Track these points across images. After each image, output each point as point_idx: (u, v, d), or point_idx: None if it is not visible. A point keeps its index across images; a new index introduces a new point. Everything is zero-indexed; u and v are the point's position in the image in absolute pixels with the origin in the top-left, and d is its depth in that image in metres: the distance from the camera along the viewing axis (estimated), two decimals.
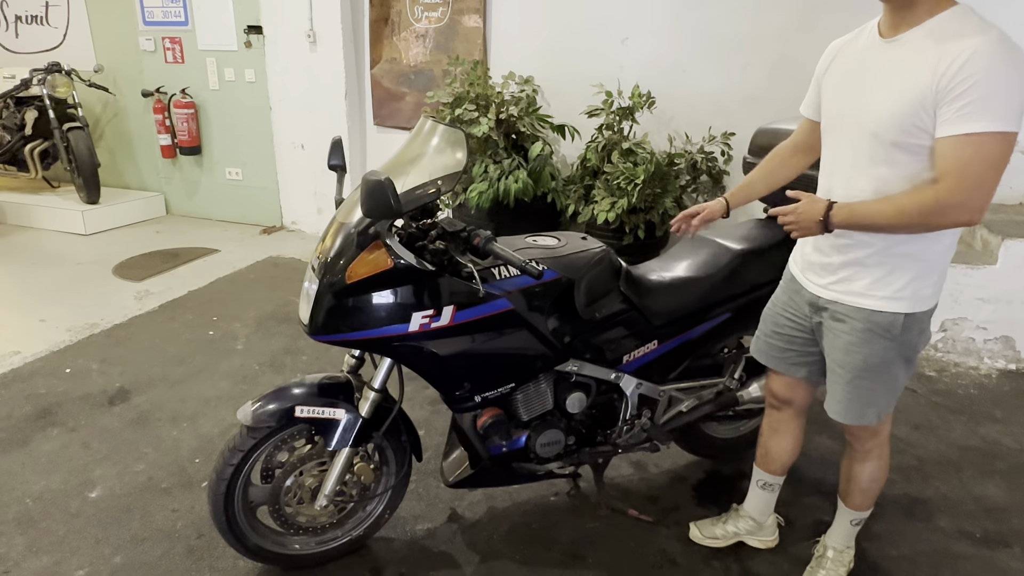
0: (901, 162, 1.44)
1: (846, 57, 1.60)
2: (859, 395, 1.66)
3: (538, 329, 1.82)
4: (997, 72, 1.28)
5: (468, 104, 3.92)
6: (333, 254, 1.66)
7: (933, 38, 1.37)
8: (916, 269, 1.53)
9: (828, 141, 1.63)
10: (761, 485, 2.07)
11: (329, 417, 1.81)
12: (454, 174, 1.67)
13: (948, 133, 1.33)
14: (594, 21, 4.32)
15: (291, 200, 5.30)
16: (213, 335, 3.50)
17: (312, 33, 4.73)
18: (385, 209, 1.46)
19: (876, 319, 1.57)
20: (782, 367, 1.87)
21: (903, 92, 1.39)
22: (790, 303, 1.80)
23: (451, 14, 4.61)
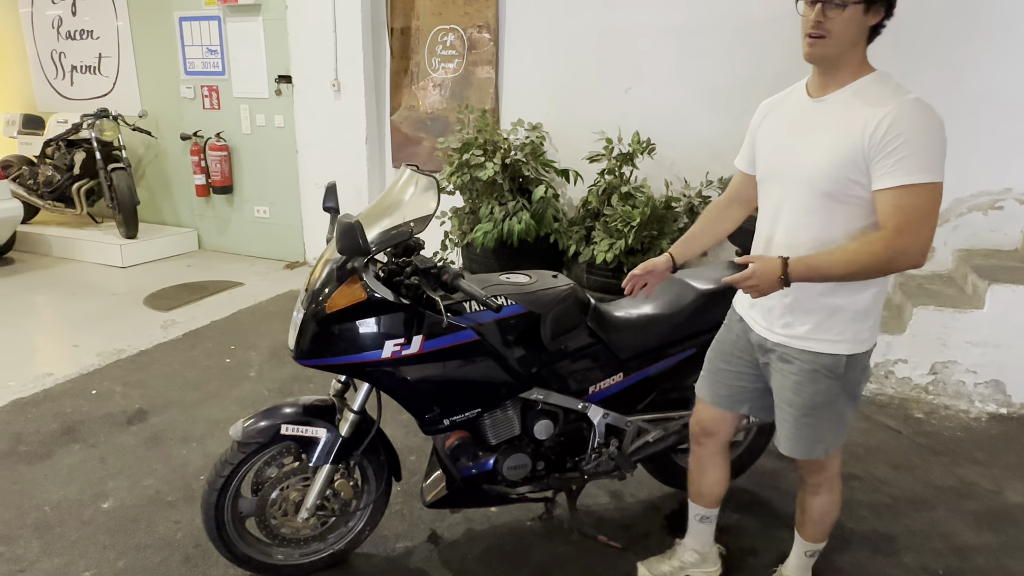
0: (835, 211, 1.57)
1: (778, 114, 1.75)
2: (808, 431, 1.75)
3: (503, 358, 1.98)
4: (921, 130, 1.45)
5: (476, 149, 4.16)
6: (318, 286, 1.86)
7: (859, 99, 1.53)
8: (850, 315, 1.65)
9: (765, 192, 1.76)
10: (699, 519, 2.14)
11: (311, 435, 1.98)
12: (425, 217, 1.87)
13: (887, 185, 1.47)
14: (599, 72, 4.55)
15: (314, 237, 5.59)
16: (229, 363, 3.73)
17: (337, 82, 5.07)
18: (355, 248, 1.66)
19: (821, 360, 1.67)
20: (726, 404, 1.95)
21: (836, 147, 1.53)
22: (738, 342, 1.89)
23: (466, 65, 4.90)
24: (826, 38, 1.51)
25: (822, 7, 1.49)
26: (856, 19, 1.50)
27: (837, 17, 1.48)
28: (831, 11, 1.48)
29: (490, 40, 4.77)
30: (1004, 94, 3.69)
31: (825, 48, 1.52)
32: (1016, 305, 3.26)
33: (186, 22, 5.56)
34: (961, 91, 3.76)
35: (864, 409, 3.34)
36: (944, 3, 3.69)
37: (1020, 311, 3.27)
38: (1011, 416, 3.31)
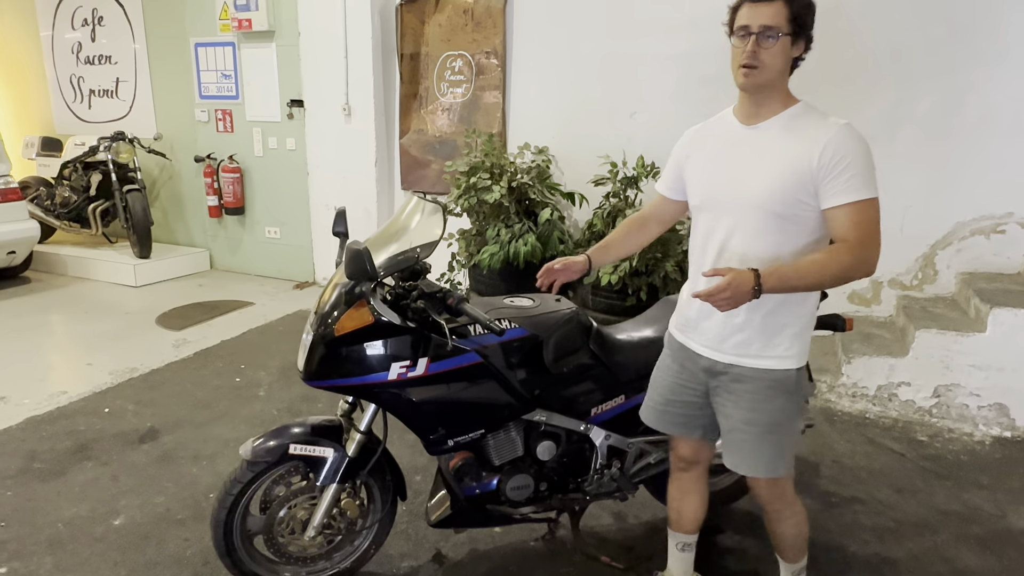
0: (785, 230, 1.66)
1: (708, 142, 1.82)
2: (771, 449, 1.79)
3: (506, 381, 2.02)
4: (859, 151, 1.59)
5: (483, 173, 4.24)
6: (327, 309, 1.92)
7: (795, 126, 1.65)
8: (794, 329, 1.74)
9: (704, 217, 1.81)
10: (680, 547, 2.16)
11: (318, 455, 2.03)
12: (431, 243, 1.93)
13: (839, 202, 1.58)
14: (605, 97, 4.64)
15: (323, 257, 5.67)
16: (239, 382, 3.79)
17: (348, 107, 5.18)
18: (363, 273, 1.72)
19: (775, 376, 1.74)
20: (681, 431, 1.98)
21: (783, 171, 1.62)
22: (682, 370, 1.92)
23: (474, 90, 5.00)
24: (759, 68, 1.61)
25: (756, 39, 1.59)
26: (784, 51, 1.61)
27: (769, 49, 1.59)
28: (765, 42, 1.59)
29: (498, 66, 4.87)
30: (1003, 119, 3.74)
31: (758, 78, 1.62)
32: (1018, 329, 3.28)
33: (201, 48, 5.71)
34: (961, 116, 3.82)
35: (868, 432, 3.35)
36: (943, 31, 3.76)
37: (1022, 335, 3.28)
38: (1015, 440, 3.31)
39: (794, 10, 1.59)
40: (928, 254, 4.02)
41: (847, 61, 4.03)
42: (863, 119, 4.02)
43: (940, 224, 3.97)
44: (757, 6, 1.60)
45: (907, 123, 3.95)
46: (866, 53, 3.97)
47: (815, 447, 3.17)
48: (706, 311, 1.80)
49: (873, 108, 4.01)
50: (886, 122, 4.00)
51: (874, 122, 4.03)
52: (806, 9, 1.61)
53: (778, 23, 1.58)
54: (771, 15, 1.58)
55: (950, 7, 3.74)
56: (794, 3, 1.58)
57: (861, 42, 3.98)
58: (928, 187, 3.96)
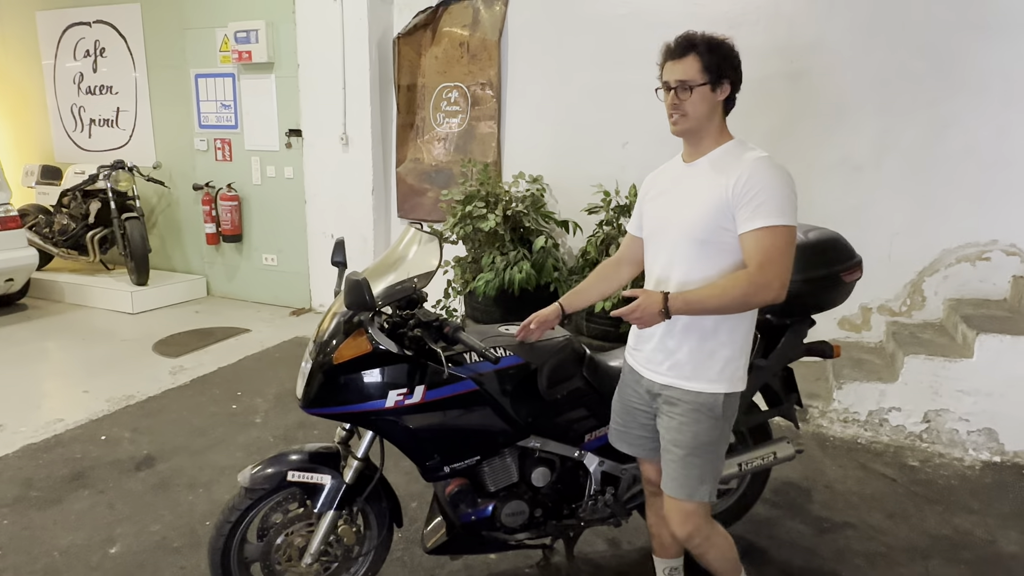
0: (711, 256, 1.77)
1: (661, 181, 1.97)
2: (693, 471, 1.85)
3: (501, 407, 2.06)
4: (773, 181, 1.69)
5: (478, 201, 4.31)
6: (325, 338, 1.96)
7: (721, 161, 1.79)
8: (726, 353, 1.82)
9: (650, 248, 1.95)
10: (667, 572, 2.20)
11: (316, 482, 2.06)
12: (428, 273, 1.98)
13: (748, 228, 1.70)
14: (597, 127, 4.74)
15: (320, 284, 5.72)
16: (235, 409, 3.81)
17: (345, 136, 5.26)
18: (361, 303, 1.77)
19: (701, 400, 1.83)
20: (641, 452, 2.06)
21: (707, 202, 1.76)
22: (634, 394, 2.01)
23: (469, 120, 5.10)
24: (683, 117, 1.78)
25: (675, 92, 1.76)
26: (705, 98, 1.76)
27: (688, 99, 1.75)
28: (682, 94, 1.75)
29: (493, 97, 4.98)
30: (985, 149, 3.84)
31: (684, 124, 1.79)
32: (1004, 354, 3.34)
33: (202, 79, 5.81)
34: (944, 147, 3.92)
35: (859, 457, 3.39)
36: (924, 65, 3.88)
37: (1009, 360, 3.34)
38: (1005, 464, 3.35)
39: (705, 62, 1.74)
40: (916, 281, 4.09)
41: (833, 94, 4.15)
42: (850, 149, 4.16)
43: (927, 251, 4.05)
44: (673, 63, 1.78)
45: (892, 153, 4.05)
46: (851, 86, 4.08)
47: (807, 472, 3.20)
48: (647, 334, 1.92)
49: (860, 139, 4.11)
50: (873, 152, 4.10)
51: (861, 152, 4.14)
52: (720, 57, 1.76)
53: (691, 76, 1.74)
54: (683, 70, 1.75)
55: (929, 42, 3.86)
56: (704, 56, 1.74)
57: (845, 75, 4.10)
58: (914, 215, 4.05)
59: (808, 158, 4.24)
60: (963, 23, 3.77)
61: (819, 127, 4.22)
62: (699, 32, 1.80)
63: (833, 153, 4.20)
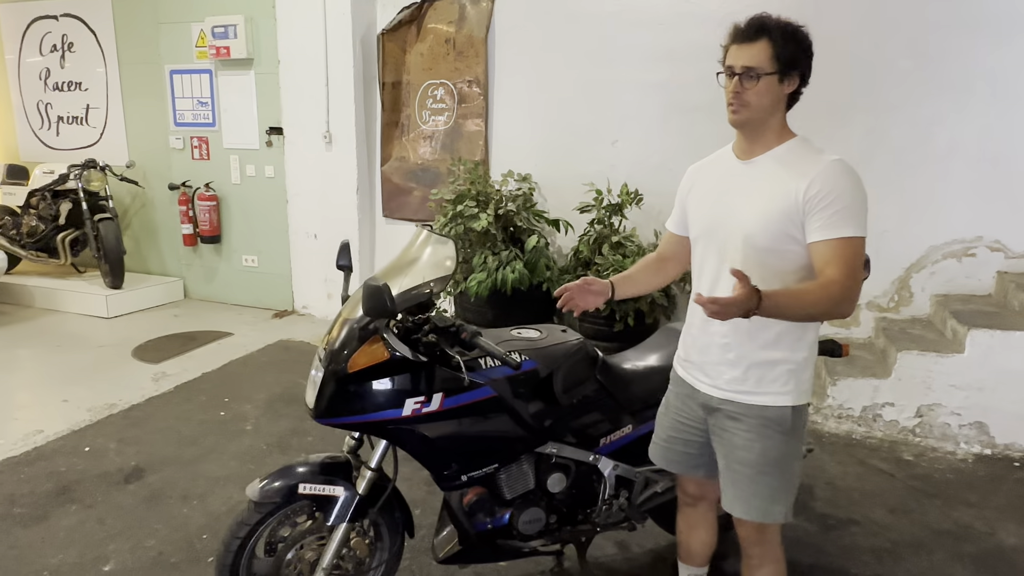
0: (771, 265, 1.66)
1: (707, 178, 1.86)
2: (764, 491, 1.74)
3: (519, 414, 2.02)
4: (850, 187, 1.58)
5: (469, 201, 4.25)
6: (337, 345, 1.89)
7: (786, 161, 1.67)
8: (789, 365, 1.71)
9: (700, 248, 1.84)
10: None
11: (328, 494, 1.99)
12: (444, 277, 1.93)
13: (825, 237, 1.57)
14: (587, 125, 4.71)
15: (303, 286, 5.60)
16: (224, 416, 3.70)
17: (328, 134, 5.16)
18: (382, 310, 1.70)
19: (769, 414, 1.71)
20: (682, 469, 1.98)
21: (771, 206, 1.63)
22: (683, 407, 1.91)
23: (456, 118, 5.03)
24: (744, 107, 1.64)
25: (739, 79, 1.63)
26: (771, 89, 1.63)
27: (752, 88, 1.62)
28: (747, 83, 1.62)
29: (480, 94, 4.92)
30: (969, 146, 3.90)
31: (745, 115, 1.66)
32: (995, 349, 3.40)
33: (177, 75, 5.64)
34: (930, 144, 3.97)
35: (856, 453, 3.42)
36: (910, 64, 3.93)
37: (999, 355, 3.40)
38: (996, 457, 3.41)
39: (777, 50, 1.61)
40: (904, 277, 4.15)
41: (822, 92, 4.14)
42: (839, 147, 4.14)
43: (914, 248, 4.11)
44: (741, 47, 1.64)
45: (880, 151, 4.09)
46: (839, 84, 4.11)
47: (807, 469, 3.21)
48: (703, 345, 1.82)
49: (849, 136, 4.14)
50: (861, 150, 4.13)
51: (850, 149, 4.15)
52: (795, 46, 1.62)
53: (759, 63, 1.61)
54: (752, 56, 1.61)
55: (915, 41, 3.90)
56: (778, 43, 1.60)
57: (834, 73, 4.12)
58: (901, 212, 4.10)
59: None
60: (951, 24, 3.82)
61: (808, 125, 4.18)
62: (773, 15, 1.64)
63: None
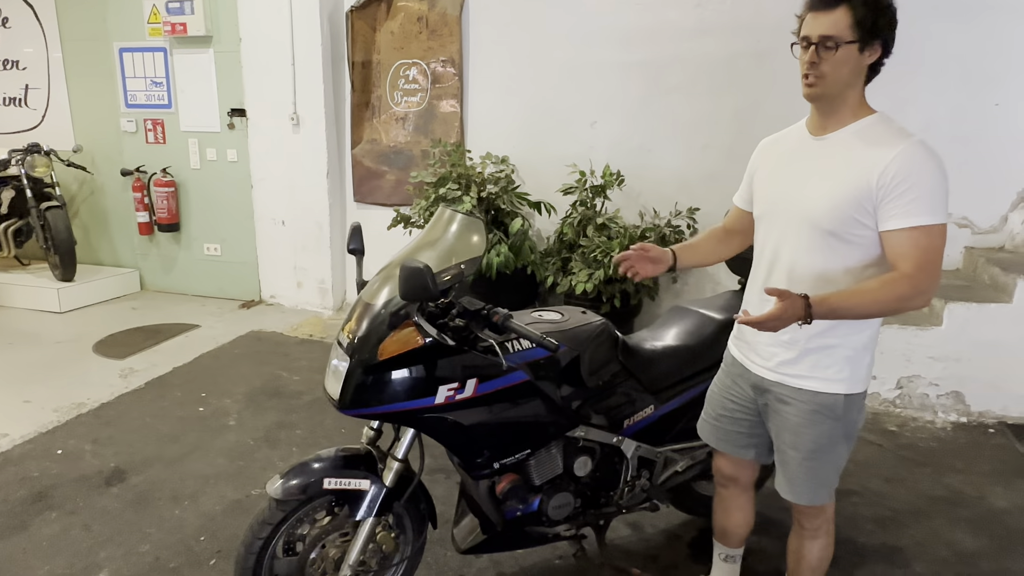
0: (836, 249, 1.60)
1: (777, 152, 1.80)
2: (812, 475, 1.75)
3: (551, 398, 1.97)
4: (930, 171, 1.50)
5: (451, 184, 4.15)
6: (363, 333, 1.80)
7: (862, 139, 1.58)
8: (848, 353, 1.66)
9: (763, 227, 1.79)
10: (723, 558, 2.16)
11: (355, 488, 1.90)
12: (475, 258, 1.85)
13: (901, 225, 1.50)
14: (565, 106, 4.66)
15: (270, 275, 5.39)
16: (204, 412, 3.52)
17: (295, 116, 4.95)
18: (423, 292, 1.62)
19: (820, 400, 1.67)
20: (731, 448, 1.96)
21: (841, 188, 1.56)
22: (734, 386, 1.90)
23: (429, 99, 4.90)
24: (822, 78, 1.56)
25: (815, 49, 1.54)
26: (850, 59, 1.53)
27: (830, 58, 1.53)
28: (824, 53, 1.53)
29: (455, 74, 4.80)
30: (941, 126, 4.02)
31: (822, 88, 1.57)
32: (971, 321, 3.53)
33: (127, 53, 5.31)
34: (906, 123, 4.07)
35: None
36: None
37: (974, 327, 3.53)
38: (971, 424, 3.56)
39: (858, 16, 1.51)
40: None
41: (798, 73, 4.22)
42: None
43: None
44: (818, 15, 1.54)
45: None
46: None
47: None
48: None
49: None
50: None
51: None
52: (877, 13, 1.52)
53: (838, 32, 1.51)
54: (830, 24, 1.52)
55: None
56: (858, 9, 1.50)
57: None
58: None
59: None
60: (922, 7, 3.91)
61: (785, 106, 4.26)
62: None
63: None
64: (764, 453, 1.93)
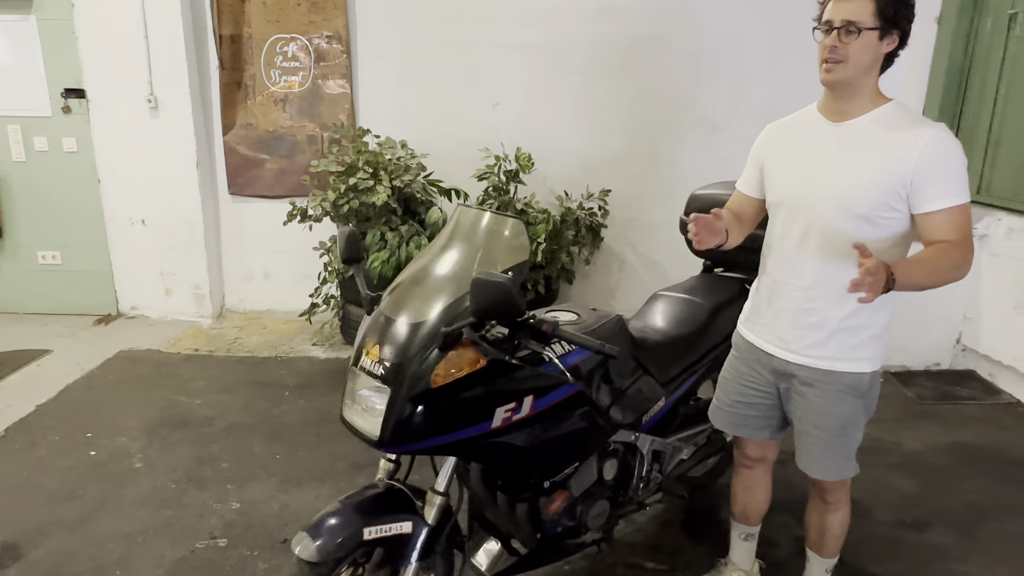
0: (865, 232, 1.63)
1: (792, 139, 1.80)
2: (840, 452, 1.82)
3: (597, 405, 1.86)
4: (956, 154, 1.60)
5: (362, 172, 3.80)
6: (404, 358, 1.55)
7: (884, 127, 1.63)
8: (872, 333, 1.73)
9: (784, 212, 1.78)
10: (743, 537, 2.21)
11: (398, 532, 1.66)
12: (522, 263, 1.67)
13: (938, 207, 1.58)
14: (465, 87, 4.47)
15: (130, 283, 4.63)
16: (97, 456, 2.94)
17: (153, 97, 4.26)
18: (508, 310, 1.42)
19: (847, 380, 1.74)
20: (748, 432, 2.00)
21: (873, 173, 1.61)
22: (751, 372, 1.91)
23: (313, 78, 4.46)
24: (842, 63, 1.59)
25: (837, 34, 1.58)
26: (870, 45, 1.58)
27: (852, 43, 1.57)
28: (846, 37, 1.57)
29: (342, 52, 4.40)
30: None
31: (841, 73, 1.61)
32: None
33: None
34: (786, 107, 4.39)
35: None
36: (770, 31, 4.28)
37: None
38: None
39: (880, 5, 1.56)
40: None
41: (692, 56, 4.39)
42: (709, 109, 4.47)
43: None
44: (841, 1, 1.58)
45: (744, 113, 4.44)
46: (708, 48, 4.36)
47: None
48: (778, 310, 1.80)
49: (716, 99, 4.43)
50: (728, 112, 4.45)
51: (719, 112, 4.47)
52: (896, 3, 1.58)
53: (861, 17, 1.56)
54: (854, 10, 1.56)
55: (773, 9, 4.27)
56: None
57: (703, 38, 4.36)
58: None
59: (672, 118, 4.48)
60: None
61: (681, 88, 4.46)
62: None
63: (694, 112, 4.48)
64: (777, 431, 1.99)
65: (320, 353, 4.13)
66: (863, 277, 1.41)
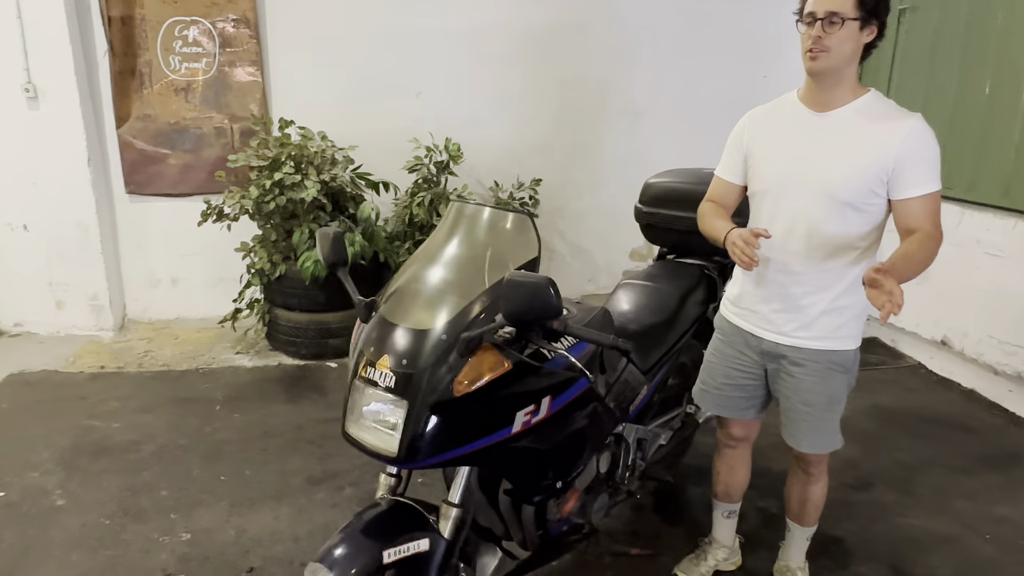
0: (850, 219, 1.71)
1: (775, 127, 1.84)
2: (827, 426, 1.90)
3: (603, 399, 1.84)
4: (933, 143, 1.69)
5: (287, 167, 3.56)
6: (421, 366, 1.46)
7: (867, 117, 1.71)
8: (856, 310, 1.82)
9: (770, 199, 1.82)
10: (726, 515, 2.27)
11: (416, 552, 1.56)
12: (533, 259, 1.61)
13: (916, 194, 1.66)
14: (385, 75, 4.31)
15: (11, 297, 4.10)
16: (8, 497, 2.58)
17: (32, 86, 3.77)
18: (547, 311, 1.35)
19: (835, 358, 1.82)
20: (735, 413, 2.06)
21: (860, 163, 1.68)
22: (738, 356, 1.96)
23: (219, 65, 4.12)
24: (826, 53, 1.65)
25: (821, 24, 1.64)
26: (852, 36, 1.65)
27: (835, 33, 1.63)
28: (829, 28, 1.63)
29: (251, 37, 4.09)
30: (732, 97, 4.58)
31: (826, 62, 1.66)
32: None
33: None
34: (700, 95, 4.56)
35: None
36: (682, 22, 4.43)
37: None
38: None
39: None
40: None
41: (613, 44, 4.46)
42: (630, 97, 4.55)
43: None
44: None
45: (662, 100, 4.57)
46: (628, 37, 4.45)
47: None
48: (765, 295, 1.85)
49: (637, 87, 4.53)
50: (648, 99, 4.56)
51: (639, 99, 4.57)
52: None
53: (843, 9, 1.61)
54: (837, 1, 1.62)
55: (687, 2, 4.41)
56: None
57: (623, 27, 4.44)
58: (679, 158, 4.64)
59: (597, 104, 4.54)
60: None
61: (604, 75, 4.53)
62: None
63: (616, 101, 4.56)
64: (761, 410, 2.07)
65: (246, 362, 3.85)
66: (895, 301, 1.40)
